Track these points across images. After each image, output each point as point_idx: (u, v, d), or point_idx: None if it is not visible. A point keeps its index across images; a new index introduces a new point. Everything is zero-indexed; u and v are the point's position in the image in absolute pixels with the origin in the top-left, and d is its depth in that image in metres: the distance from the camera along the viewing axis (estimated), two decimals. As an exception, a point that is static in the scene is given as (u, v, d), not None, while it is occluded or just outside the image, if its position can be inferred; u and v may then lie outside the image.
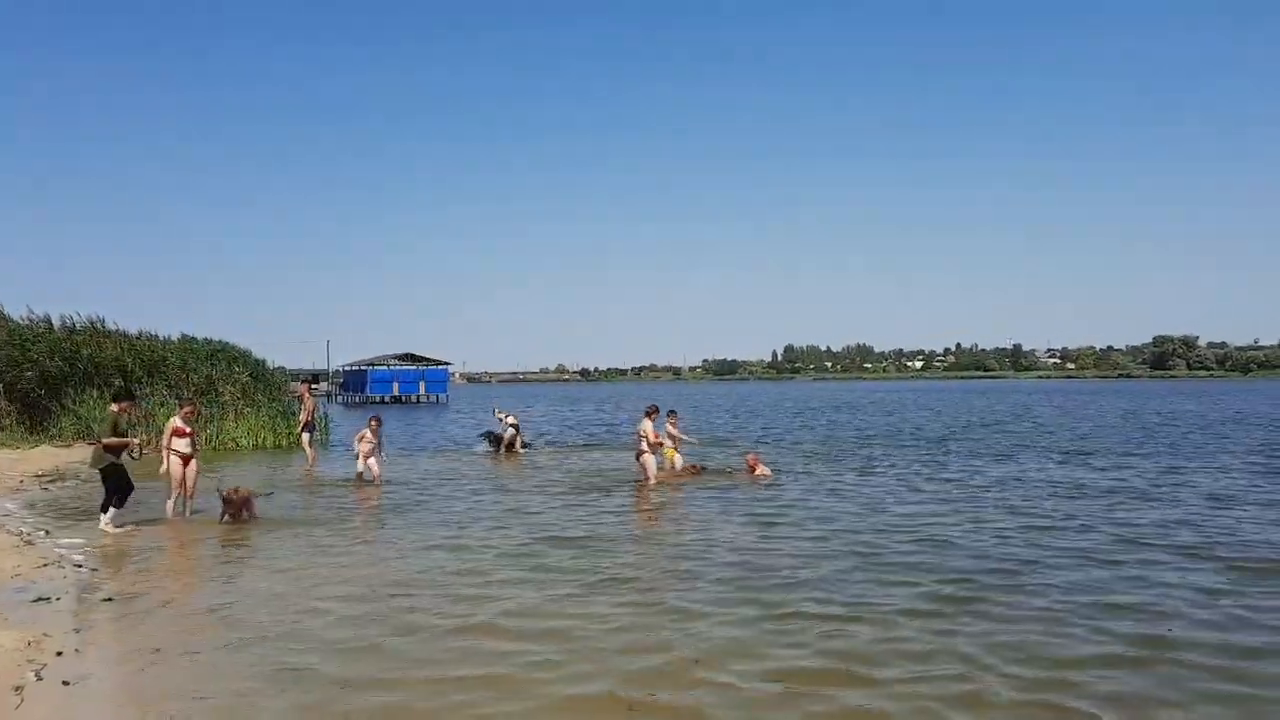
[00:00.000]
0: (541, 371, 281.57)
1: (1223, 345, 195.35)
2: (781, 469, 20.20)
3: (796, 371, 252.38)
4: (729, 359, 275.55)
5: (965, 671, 6.72)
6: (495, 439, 25.54)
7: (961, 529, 12.62)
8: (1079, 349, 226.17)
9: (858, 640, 7.47)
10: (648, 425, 18.23)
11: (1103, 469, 20.07)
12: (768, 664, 6.93)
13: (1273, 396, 69.76)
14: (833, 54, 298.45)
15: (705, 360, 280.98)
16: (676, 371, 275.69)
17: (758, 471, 18.99)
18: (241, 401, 28.61)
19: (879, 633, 7.68)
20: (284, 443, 27.87)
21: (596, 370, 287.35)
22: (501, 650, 7.27)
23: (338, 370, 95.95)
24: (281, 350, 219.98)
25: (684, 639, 7.54)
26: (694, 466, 19.80)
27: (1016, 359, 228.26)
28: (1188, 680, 6.54)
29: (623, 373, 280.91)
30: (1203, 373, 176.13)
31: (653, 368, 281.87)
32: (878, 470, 20.20)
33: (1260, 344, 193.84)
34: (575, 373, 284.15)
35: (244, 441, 27.60)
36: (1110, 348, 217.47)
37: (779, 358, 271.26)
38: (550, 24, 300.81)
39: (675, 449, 19.56)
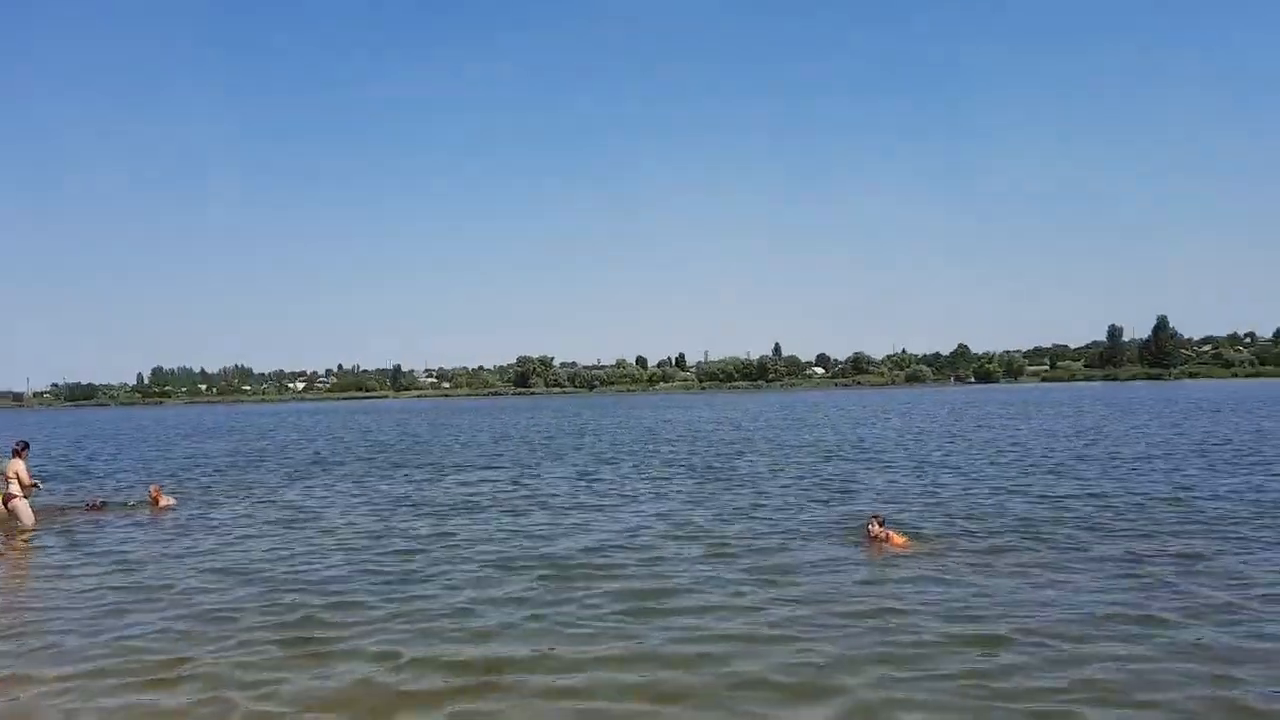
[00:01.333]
0: None
1: (573, 364, 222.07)
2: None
3: (167, 395, 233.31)
4: (85, 382, 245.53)
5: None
6: None
7: (303, 556, 12.91)
8: (454, 369, 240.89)
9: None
10: (19, 465, 16.26)
11: (461, 482, 21.72)
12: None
13: (609, 408, 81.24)
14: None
15: (55, 384, 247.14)
16: (18, 397, 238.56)
17: (162, 503, 18.19)
18: None
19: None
20: None
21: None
22: None
23: None
24: None
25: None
26: (94, 502, 18.41)
27: (397, 379, 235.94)
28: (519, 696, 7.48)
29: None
30: (557, 389, 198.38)
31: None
32: (244, 498, 19.68)
33: (602, 364, 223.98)
34: None
35: None
36: (481, 367, 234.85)
37: (146, 380, 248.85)
38: None
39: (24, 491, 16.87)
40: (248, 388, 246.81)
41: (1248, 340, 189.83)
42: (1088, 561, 11.50)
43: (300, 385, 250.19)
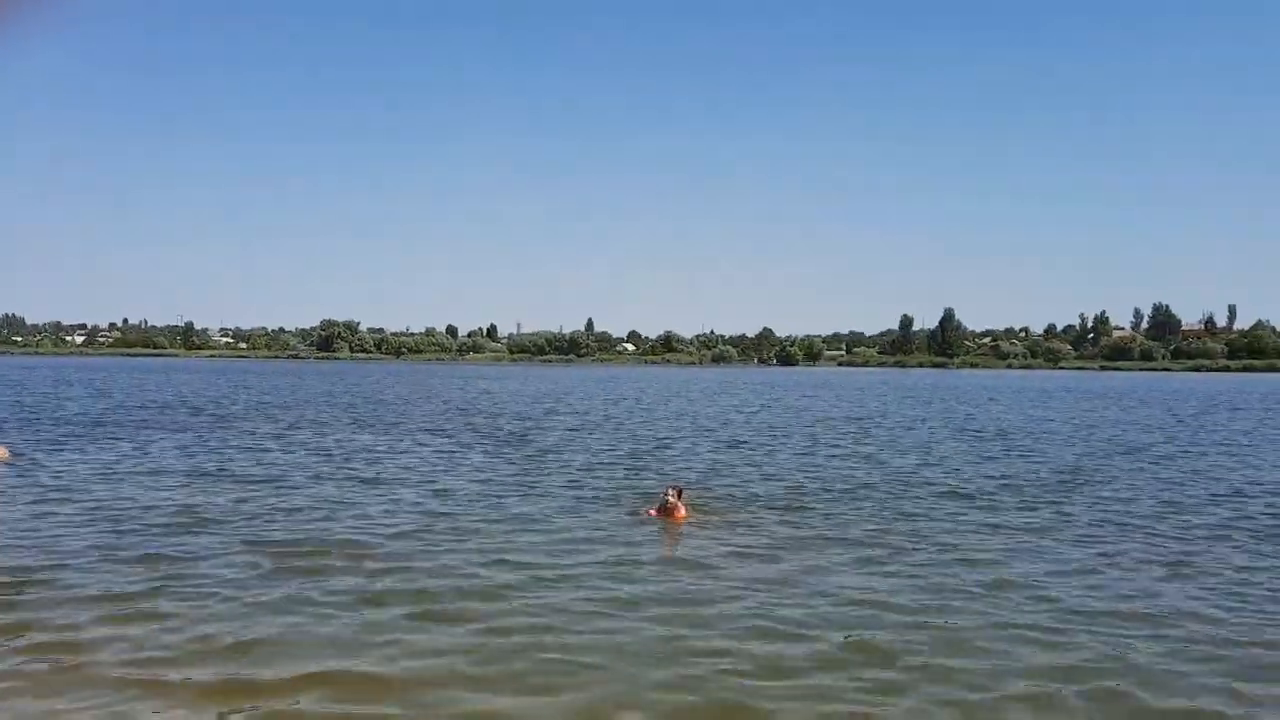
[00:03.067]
0: None
1: (381, 330, 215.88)
2: None
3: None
4: None
5: None
6: None
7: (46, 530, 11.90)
8: (251, 329, 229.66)
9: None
10: None
11: (241, 450, 20.62)
12: None
13: (436, 375, 79.31)
14: None
15: None
16: None
17: None
18: None
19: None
20: None
21: None
22: None
23: None
24: None
25: None
26: None
27: (188, 337, 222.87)
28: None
29: None
30: (362, 355, 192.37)
31: None
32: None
33: (410, 330, 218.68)
34: None
35: None
36: (281, 329, 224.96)
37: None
38: None
39: None
40: (19, 339, 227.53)
41: (1022, 334, 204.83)
42: (852, 530, 12.08)
43: (80, 339, 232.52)
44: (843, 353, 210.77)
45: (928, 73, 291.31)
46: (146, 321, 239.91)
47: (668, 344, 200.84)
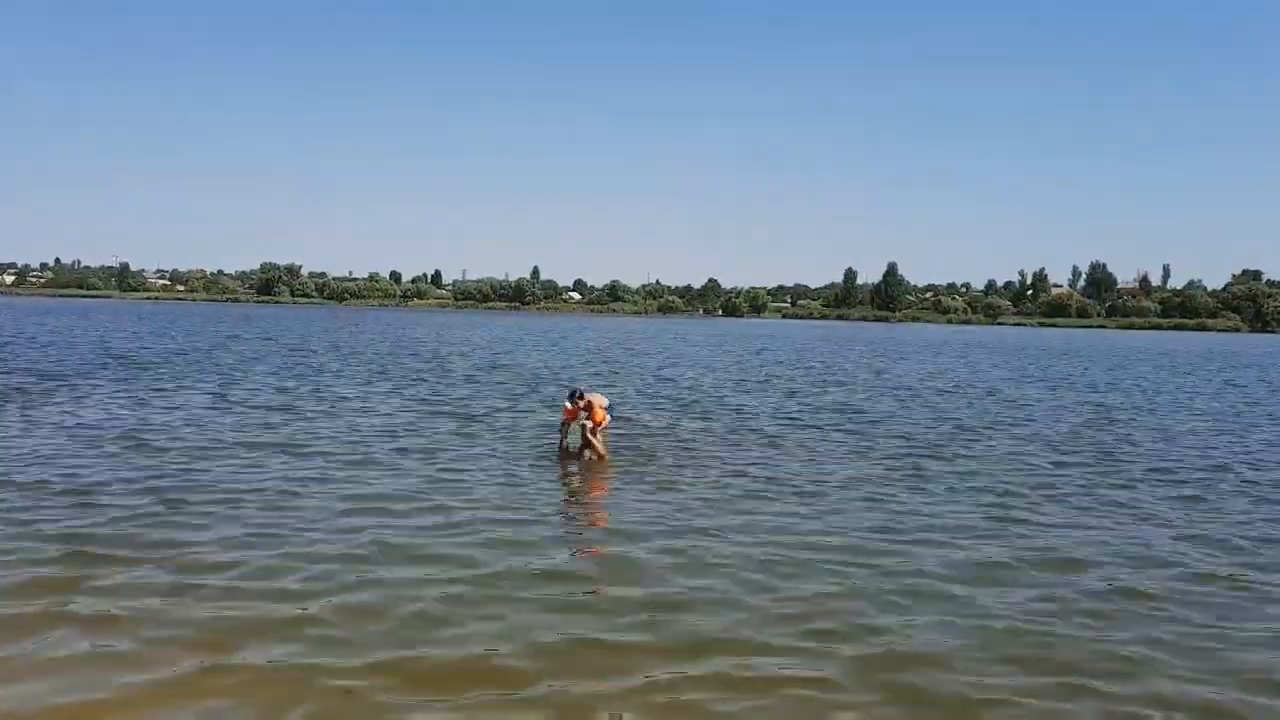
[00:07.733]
0: None
1: (323, 275, 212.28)
2: None
3: None
4: None
5: None
6: None
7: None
8: (190, 271, 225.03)
9: None
10: None
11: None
12: None
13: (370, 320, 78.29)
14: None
15: None
16: None
17: None
18: None
19: None
20: None
21: None
22: None
23: None
24: None
25: None
26: None
27: (124, 279, 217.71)
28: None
29: None
30: (304, 300, 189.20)
31: None
32: None
33: (354, 275, 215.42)
34: None
35: None
36: (221, 272, 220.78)
37: None
38: None
39: None
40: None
41: (963, 290, 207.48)
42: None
43: (9, 279, 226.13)
44: (788, 304, 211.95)
45: (876, 30, 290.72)
46: (80, 262, 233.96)
47: (613, 293, 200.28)
